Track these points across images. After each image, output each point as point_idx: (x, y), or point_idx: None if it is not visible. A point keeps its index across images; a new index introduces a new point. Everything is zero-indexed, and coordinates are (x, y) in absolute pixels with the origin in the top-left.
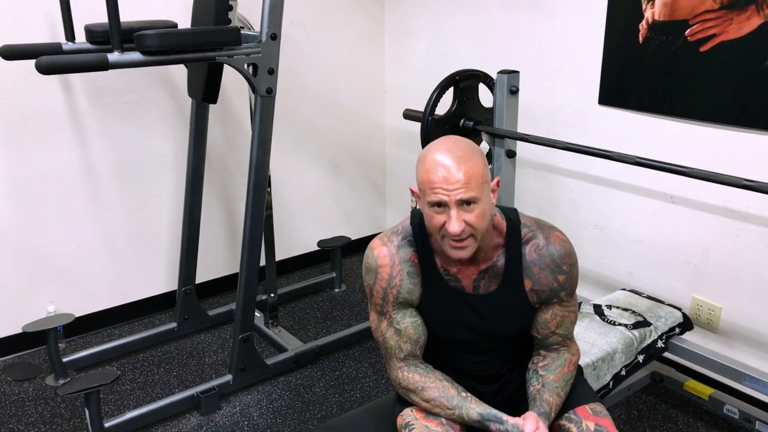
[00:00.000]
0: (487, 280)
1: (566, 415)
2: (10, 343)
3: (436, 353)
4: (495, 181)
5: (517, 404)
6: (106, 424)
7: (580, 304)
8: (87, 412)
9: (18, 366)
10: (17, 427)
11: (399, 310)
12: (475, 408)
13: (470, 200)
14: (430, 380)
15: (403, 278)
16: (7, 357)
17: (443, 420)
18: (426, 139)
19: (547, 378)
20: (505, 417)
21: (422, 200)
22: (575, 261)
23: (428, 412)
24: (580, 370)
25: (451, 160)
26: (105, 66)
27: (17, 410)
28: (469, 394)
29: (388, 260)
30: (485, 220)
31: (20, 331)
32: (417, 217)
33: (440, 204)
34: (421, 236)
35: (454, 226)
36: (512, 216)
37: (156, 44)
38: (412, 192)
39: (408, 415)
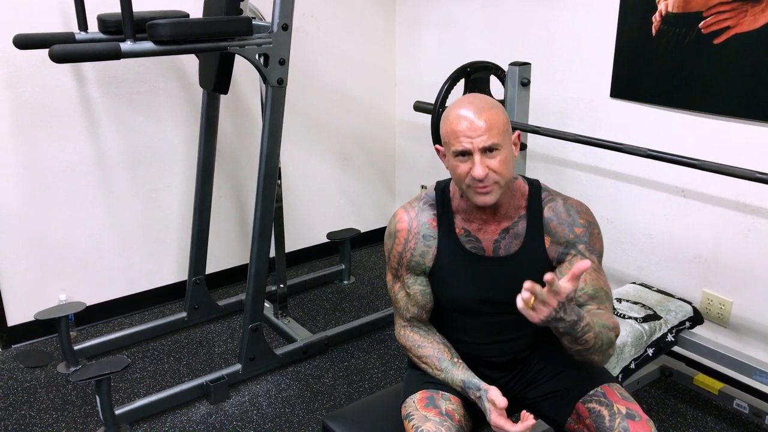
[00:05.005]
0: (507, 240)
1: (596, 397)
2: (23, 330)
3: (452, 329)
4: (516, 134)
5: (530, 397)
6: (117, 411)
7: None
8: (98, 399)
9: (30, 353)
10: (29, 414)
11: (411, 274)
12: (460, 374)
13: (492, 147)
14: (428, 340)
15: (418, 241)
16: (20, 344)
17: (442, 409)
18: (436, 131)
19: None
20: (483, 385)
21: (447, 154)
22: (594, 221)
23: (428, 402)
24: None
25: (473, 111)
26: (118, 55)
27: (29, 397)
28: (461, 361)
29: (407, 225)
30: (508, 167)
31: (32, 318)
32: (441, 183)
33: (464, 153)
34: (442, 199)
35: (478, 170)
36: (534, 183)
37: (168, 33)
38: (438, 150)
39: (410, 405)
